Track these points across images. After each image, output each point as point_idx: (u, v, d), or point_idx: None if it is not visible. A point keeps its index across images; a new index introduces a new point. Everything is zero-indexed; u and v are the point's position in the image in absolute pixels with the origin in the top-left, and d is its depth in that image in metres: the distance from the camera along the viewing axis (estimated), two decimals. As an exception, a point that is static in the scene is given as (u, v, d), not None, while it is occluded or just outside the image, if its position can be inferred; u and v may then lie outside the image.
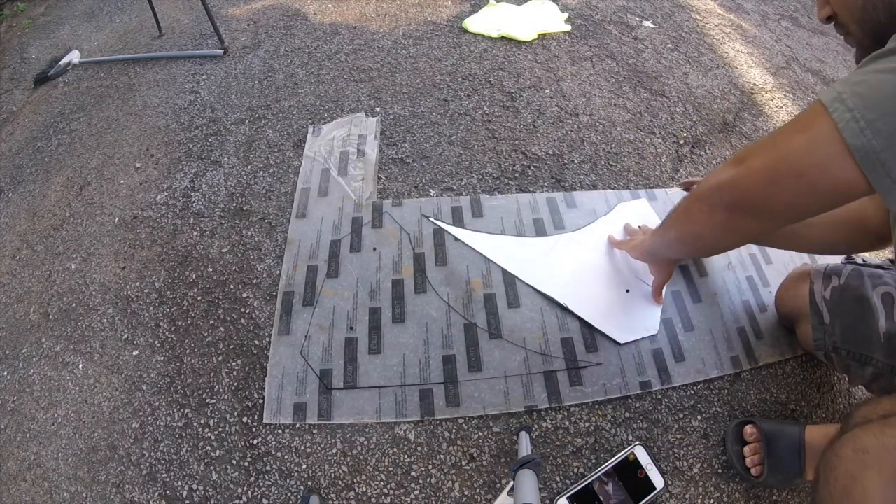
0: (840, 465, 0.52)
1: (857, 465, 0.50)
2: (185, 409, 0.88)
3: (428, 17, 1.67)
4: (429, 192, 1.15)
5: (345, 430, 0.84)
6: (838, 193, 0.48)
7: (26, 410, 0.92)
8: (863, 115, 0.43)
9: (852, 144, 0.44)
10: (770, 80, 1.53)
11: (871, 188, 0.44)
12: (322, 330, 0.93)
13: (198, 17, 1.74)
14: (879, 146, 0.42)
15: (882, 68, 0.44)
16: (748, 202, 0.56)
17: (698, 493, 0.79)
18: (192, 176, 1.22)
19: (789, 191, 0.51)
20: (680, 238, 0.74)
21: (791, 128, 0.51)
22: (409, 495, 0.78)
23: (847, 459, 0.51)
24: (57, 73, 1.64)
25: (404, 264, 1.01)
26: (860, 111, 0.43)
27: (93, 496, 0.81)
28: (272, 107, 1.37)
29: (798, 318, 0.87)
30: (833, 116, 0.45)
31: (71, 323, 1.01)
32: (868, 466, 0.49)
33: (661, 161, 1.24)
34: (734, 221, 0.59)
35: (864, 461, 0.49)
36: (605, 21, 1.67)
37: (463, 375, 0.88)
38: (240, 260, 1.05)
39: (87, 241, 1.14)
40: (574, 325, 0.94)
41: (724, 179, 0.58)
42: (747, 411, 0.88)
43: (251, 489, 0.80)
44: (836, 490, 0.51)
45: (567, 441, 0.83)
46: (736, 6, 1.89)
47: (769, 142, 0.54)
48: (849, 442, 0.52)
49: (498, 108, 1.34)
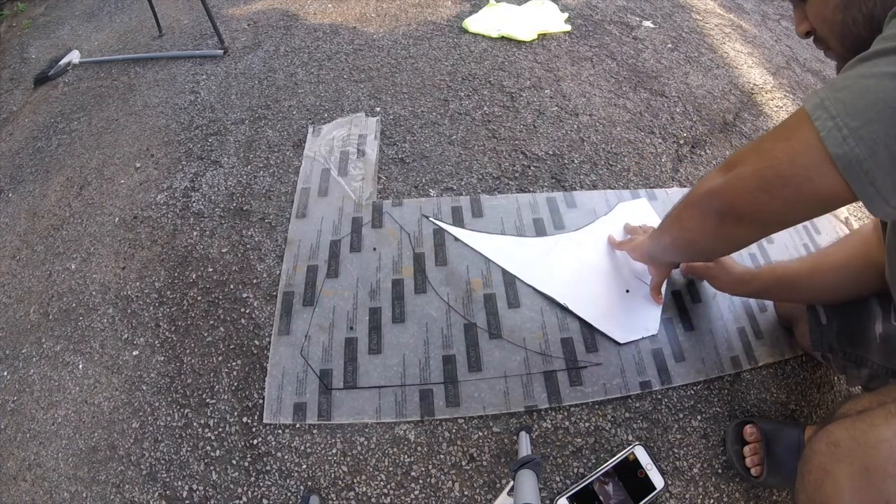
0: (813, 458, 0.52)
1: (829, 459, 0.50)
2: (185, 409, 0.88)
3: (428, 17, 1.67)
4: (429, 192, 1.15)
5: (345, 430, 0.84)
6: (824, 201, 0.48)
7: (26, 410, 0.92)
8: (846, 124, 0.42)
9: (835, 154, 0.43)
10: (770, 80, 1.53)
11: (855, 196, 0.44)
12: (322, 330, 0.93)
13: (198, 17, 1.74)
14: (863, 154, 0.41)
15: (865, 73, 0.43)
16: (737, 209, 0.56)
17: (698, 493, 0.79)
18: (192, 176, 1.22)
19: (776, 199, 0.50)
20: (674, 244, 0.75)
21: (776, 135, 0.51)
22: (409, 495, 0.78)
23: (820, 453, 0.51)
24: (57, 73, 1.64)
25: (404, 264, 1.01)
26: (843, 119, 0.42)
27: (93, 496, 0.81)
28: (272, 107, 1.37)
29: (796, 319, 0.88)
30: (816, 125, 0.44)
31: (71, 323, 1.01)
32: (839, 460, 0.49)
33: (661, 161, 1.24)
34: (725, 228, 0.59)
35: (835, 455, 0.50)
36: (605, 21, 1.67)
37: (463, 375, 0.88)
38: (240, 260, 1.05)
39: (87, 241, 1.14)
40: (574, 325, 0.94)
41: (714, 186, 0.58)
42: (747, 411, 0.88)
43: (251, 489, 0.80)
44: (809, 483, 0.51)
45: (567, 441, 0.83)
46: (736, 6, 1.89)
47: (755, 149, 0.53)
48: (823, 436, 0.53)
49: (498, 108, 1.34)
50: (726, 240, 0.62)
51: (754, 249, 1.07)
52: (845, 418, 0.53)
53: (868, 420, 0.50)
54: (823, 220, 1.16)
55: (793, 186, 0.48)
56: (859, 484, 0.46)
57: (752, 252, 1.07)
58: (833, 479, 0.48)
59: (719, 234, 0.61)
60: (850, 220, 1.19)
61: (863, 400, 0.58)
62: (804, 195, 0.48)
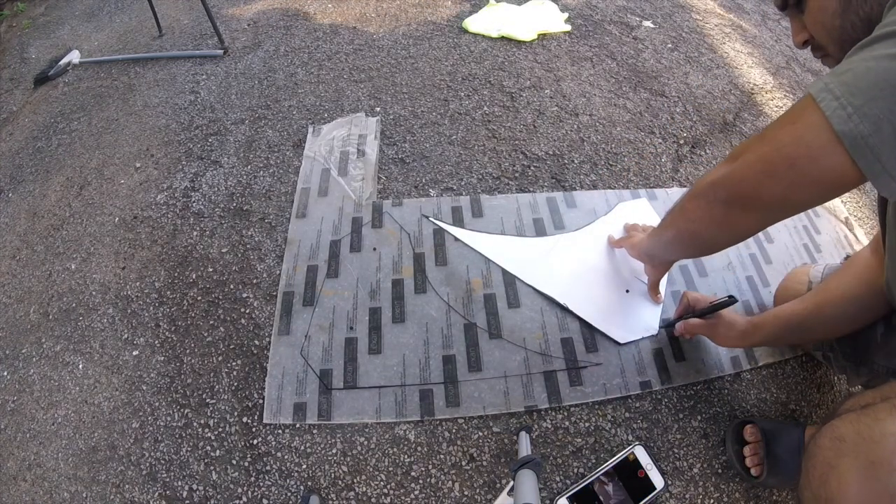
0: (818, 453, 0.52)
1: (833, 454, 0.50)
2: (185, 409, 0.88)
3: (428, 17, 1.67)
4: (429, 192, 1.15)
5: (345, 430, 0.84)
6: (830, 183, 0.48)
7: (26, 410, 0.92)
8: (849, 102, 0.43)
9: (840, 131, 0.43)
10: (770, 80, 1.53)
11: (862, 175, 0.44)
12: (322, 330, 0.93)
13: (198, 17, 1.74)
14: (867, 131, 0.42)
15: (866, 56, 0.44)
16: (743, 195, 0.56)
17: (698, 493, 0.79)
18: (192, 176, 1.22)
19: (783, 182, 0.51)
20: (678, 237, 0.74)
21: (781, 121, 0.51)
22: (409, 495, 0.78)
23: (824, 448, 0.51)
24: (57, 73, 1.64)
25: (404, 264, 1.01)
26: (847, 98, 0.43)
27: (93, 496, 0.81)
28: (272, 107, 1.37)
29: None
30: (821, 106, 0.45)
31: (71, 323, 1.01)
32: (844, 455, 0.49)
33: (661, 161, 1.24)
34: (731, 217, 0.59)
35: (840, 449, 0.50)
36: (605, 21, 1.67)
37: (463, 375, 0.88)
38: (240, 260, 1.05)
39: (87, 241, 1.14)
40: (574, 325, 0.94)
41: (719, 175, 0.58)
42: (747, 411, 0.88)
43: (251, 489, 0.80)
44: (814, 479, 0.51)
45: (567, 441, 0.83)
46: (736, 6, 1.89)
47: (760, 136, 0.54)
48: (827, 432, 0.53)
49: (498, 108, 1.34)
50: (731, 229, 0.61)
51: (754, 249, 1.08)
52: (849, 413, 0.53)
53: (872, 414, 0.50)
54: (823, 221, 1.16)
55: (798, 168, 0.48)
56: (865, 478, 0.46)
57: (752, 252, 1.07)
58: (838, 474, 0.48)
59: (725, 223, 0.60)
60: (851, 220, 1.19)
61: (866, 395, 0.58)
62: (810, 176, 0.48)
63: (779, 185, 0.51)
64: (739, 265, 1.04)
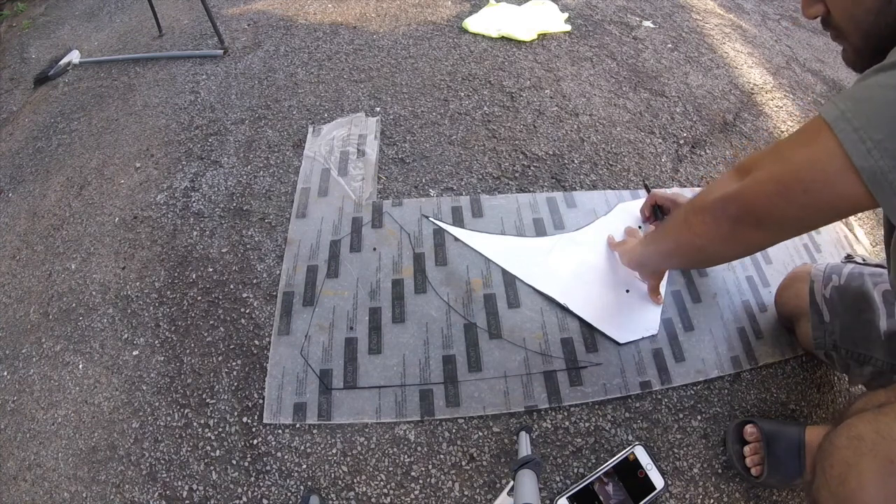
0: (835, 453, 0.52)
1: (852, 453, 0.50)
2: (185, 409, 0.88)
3: (428, 17, 1.67)
4: (429, 192, 1.15)
5: (345, 430, 0.84)
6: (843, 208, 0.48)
7: (26, 410, 0.92)
8: (869, 136, 0.42)
9: (859, 166, 0.43)
10: (770, 80, 1.53)
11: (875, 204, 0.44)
12: (322, 330, 0.93)
13: (198, 17, 1.74)
14: (887, 167, 0.42)
15: (884, 83, 0.43)
16: (755, 214, 0.56)
17: (698, 493, 0.79)
18: (192, 176, 1.22)
19: (795, 204, 0.50)
20: (677, 250, 0.73)
21: (795, 141, 0.51)
22: (409, 495, 0.78)
23: (842, 448, 0.51)
24: (57, 73, 1.64)
25: (404, 264, 1.01)
26: (866, 131, 0.43)
27: (93, 496, 0.81)
28: (272, 107, 1.37)
29: (798, 317, 0.88)
30: (838, 136, 0.45)
31: (71, 323, 1.01)
32: (863, 454, 0.49)
33: (661, 161, 1.24)
34: (739, 233, 0.59)
35: (859, 448, 0.50)
36: (605, 21, 1.67)
37: (463, 375, 0.88)
38: (240, 260, 1.05)
39: (87, 241, 1.14)
40: (574, 325, 0.94)
41: (730, 192, 0.57)
42: (747, 411, 0.88)
43: (251, 489, 0.80)
44: (831, 478, 0.51)
45: (567, 441, 0.83)
46: (736, 6, 1.89)
47: (773, 154, 0.53)
48: (844, 431, 0.52)
49: (498, 108, 1.34)
50: (738, 245, 0.61)
51: (754, 249, 1.07)
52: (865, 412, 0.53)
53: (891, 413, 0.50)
54: (823, 220, 1.16)
55: (813, 192, 0.48)
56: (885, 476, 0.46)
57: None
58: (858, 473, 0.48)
59: (732, 239, 0.60)
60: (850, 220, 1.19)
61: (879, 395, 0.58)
62: (824, 201, 0.48)
63: (792, 207, 0.51)
64: (739, 265, 1.04)
